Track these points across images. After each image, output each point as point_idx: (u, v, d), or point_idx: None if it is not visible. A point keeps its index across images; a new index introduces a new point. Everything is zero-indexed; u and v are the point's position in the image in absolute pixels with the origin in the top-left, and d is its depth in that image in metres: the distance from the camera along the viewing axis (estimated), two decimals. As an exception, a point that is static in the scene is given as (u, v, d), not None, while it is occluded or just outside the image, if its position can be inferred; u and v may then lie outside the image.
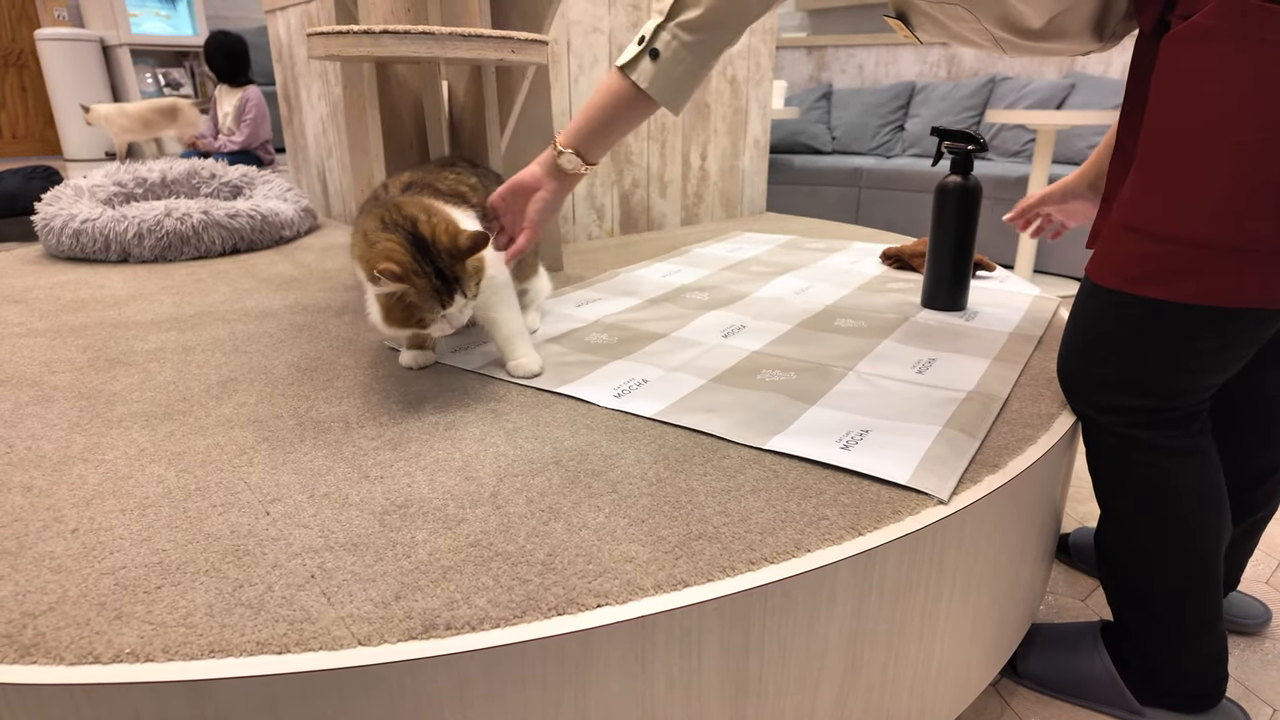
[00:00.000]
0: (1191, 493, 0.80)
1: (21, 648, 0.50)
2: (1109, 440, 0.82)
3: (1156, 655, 0.85)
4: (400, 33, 0.97)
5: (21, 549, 0.61)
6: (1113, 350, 0.79)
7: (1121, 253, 0.76)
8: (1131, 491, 0.82)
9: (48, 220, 1.65)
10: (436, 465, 0.75)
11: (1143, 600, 0.85)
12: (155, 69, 5.05)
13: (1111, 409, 0.81)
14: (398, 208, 0.86)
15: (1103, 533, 0.88)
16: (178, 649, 0.51)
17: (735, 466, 0.75)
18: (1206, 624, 0.83)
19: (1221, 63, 0.66)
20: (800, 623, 0.60)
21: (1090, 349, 0.82)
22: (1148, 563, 0.83)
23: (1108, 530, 0.87)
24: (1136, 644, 0.87)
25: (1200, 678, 0.85)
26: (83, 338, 1.13)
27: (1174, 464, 0.79)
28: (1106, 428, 0.82)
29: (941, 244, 1.20)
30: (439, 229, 0.83)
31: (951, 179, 1.17)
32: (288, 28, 2.13)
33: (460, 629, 0.52)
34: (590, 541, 0.62)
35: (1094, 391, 0.82)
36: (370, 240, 0.84)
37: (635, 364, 1.00)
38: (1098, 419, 0.82)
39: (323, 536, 0.63)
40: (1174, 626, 0.83)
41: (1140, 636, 0.86)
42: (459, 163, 1.08)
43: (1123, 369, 0.79)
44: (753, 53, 2.14)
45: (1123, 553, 0.85)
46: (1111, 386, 0.80)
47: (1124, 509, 0.84)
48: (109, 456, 0.77)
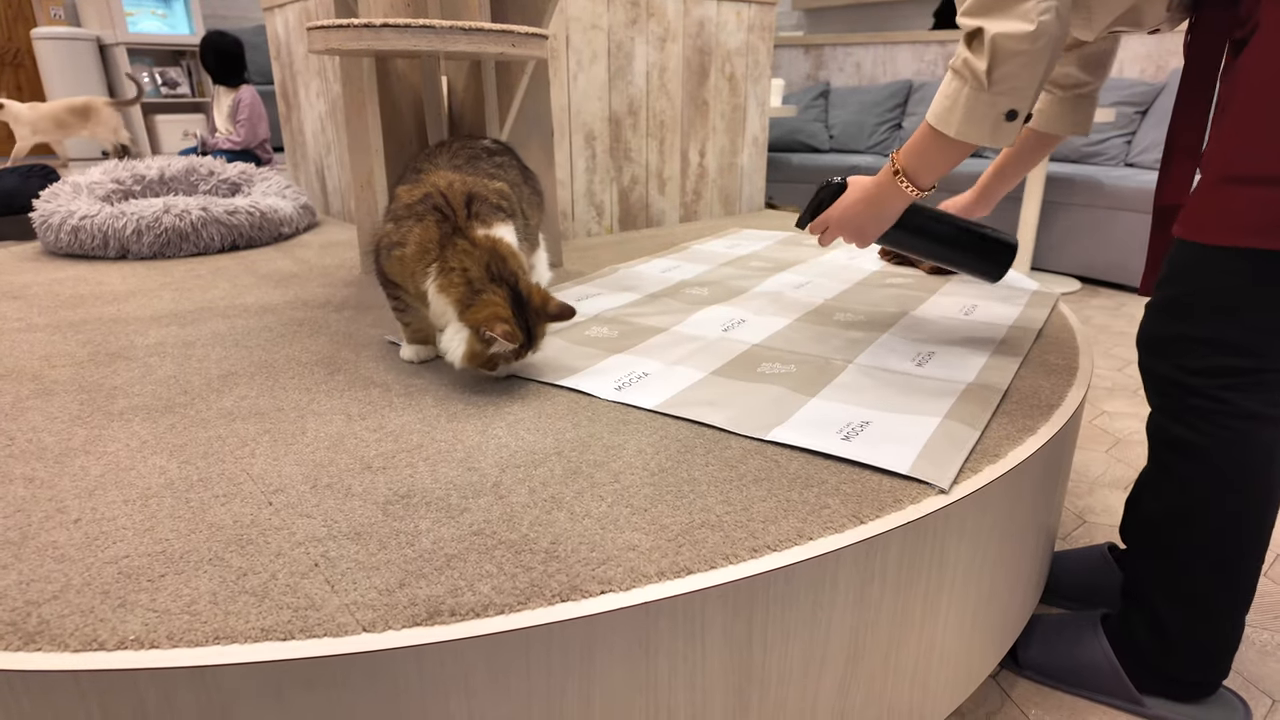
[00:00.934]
0: (1275, 461, 0.78)
1: (26, 635, 0.51)
2: (1196, 403, 0.79)
3: (1175, 637, 0.85)
4: (401, 26, 0.97)
5: (24, 539, 0.61)
6: (1214, 310, 0.76)
7: (1224, 207, 0.73)
8: (1213, 457, 0.79)
9: (46, 217, 1.64)
10: (438, 456, 0.75)
11: (1184, 573, 0.83)
12: (152, 68, 5.04)
13: (1205, 370, 0.78)
14: (497, 254, 0.88)
15: (1153, 500, 0.86)
16: (182, 636, 0.51)
17: (737, 457, 0.75)
18: (1239, 605, 0.83)
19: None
20: (803, 610, 0.61)
21: (1185, 310, 0.78)
22: (1206, 532, 0.81)
23: (1163, 497, 0.84)
24: (1153, 626, 0.87)
25: (1208, 665, 0.85)
26: (82, 333, 1.13)
27: (1264, 430, 0.77)
28: (1197, 389, 0.79)
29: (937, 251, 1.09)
30: (534, 290, 0.89)
31: None
32: (286, 25, 2.13)
33: (465, 615, 0.53)
34: (593, 530, 0.63)
35: (1186, 354, 0.79)
36: (475, 288, 0.87)
37: (636, 357, 1.00)
38: (1187, 381, 0.79)
39: (326, 526, 0.63)
40: (1208, 604, 0.83)
41: (1164, 615, 0.85)
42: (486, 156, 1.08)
43: (1223, 328, 0.76)
44: (751, 50, 2.14)
45: (1177, 521, 0.83)
46: (1209, 347, 0.77)
47: (1196, 474, 0.81)
48: (111, 448, 0.77)
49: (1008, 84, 0.79)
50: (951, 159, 0.88)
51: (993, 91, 0.79)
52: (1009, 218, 3.05)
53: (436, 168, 1.00)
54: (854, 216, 0.98)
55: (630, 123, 1.92)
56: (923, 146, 0.88)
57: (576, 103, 1.80)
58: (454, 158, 1.02)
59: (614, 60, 1.83)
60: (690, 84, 2.02)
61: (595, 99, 1.83)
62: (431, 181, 0.95)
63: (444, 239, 0.88)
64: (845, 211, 0.99)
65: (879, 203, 0.96)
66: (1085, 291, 2.85)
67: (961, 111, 0.82)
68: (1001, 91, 0.79)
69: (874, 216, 0.97)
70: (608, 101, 1.85)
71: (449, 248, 0.88)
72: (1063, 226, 2.94)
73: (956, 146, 0.86)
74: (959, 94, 0.82)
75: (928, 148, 0.88)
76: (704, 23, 1.99)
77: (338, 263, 1.59)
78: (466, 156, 1.03)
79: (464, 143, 1.07)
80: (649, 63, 1.91)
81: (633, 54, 1.86)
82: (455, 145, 1.06)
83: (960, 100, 0.82)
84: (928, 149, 0.88)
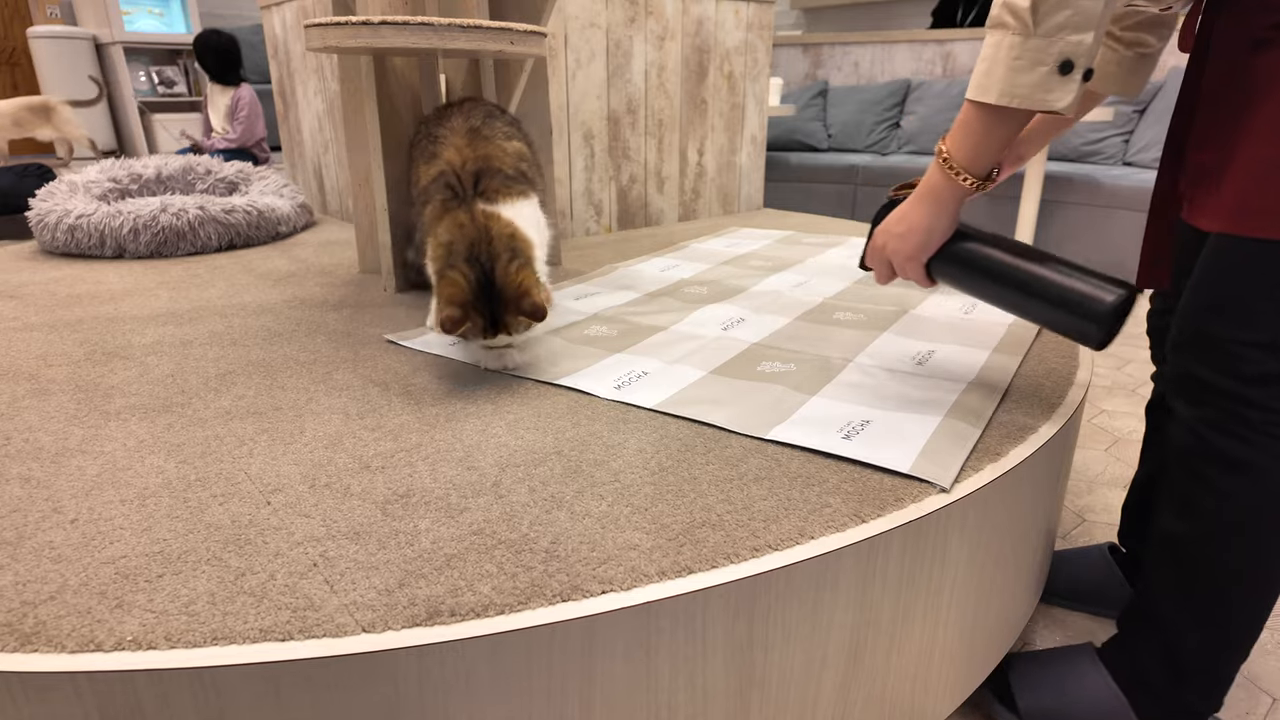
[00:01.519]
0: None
1: (22, 636, 0.50)
2: (1251, 415, 0.71)
3: (1192, 664, 0.80)
4: (399, 23, 0.96)
5: (20, 539, 0.61)
6: (1273, 312, 0.69)
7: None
8: (1268, 473, 0.72)
9: (42, 216, 1.64)
10: (438, 455, 0.75)
11: (1215, 599, 0.78)
12: (149, 67, 5.03)
13: (1262, 378, 0.70)
14: (487, 234, 0.87)
15: (1179, 518, 0.79)
16: (180, 636, 0.50)
17: (737, 456, 0.75)
18: (1260, 629, 0.79)
19: None
20: (804, 610, 0.60)
21: (1240, 312, 0.70)
22: (1246, 555, 0.75)
23: (1195, 516, 0.77)
24: (1166, 653, 0.81)
25: (1217, 693, 0.81)
26: (79, 332, 1.12)
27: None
28: (1253, 400, 0.71)
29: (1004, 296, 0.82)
30: (511, 280, 0.86)
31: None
32: (283, 23, 2.12)
33: (465, 615, 0.52)
34: (594, 529, 0.62)
35: (1240, 360, 0.71)
36: (450, 262, 0.86)
37: (635, 356, 1.00)
38: (1242, 390, 0.71)
39: (325, 526, 0.63)
40: (1235, 630, 0.78)
41: (1183, 642, 0.80)
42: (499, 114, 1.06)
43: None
44: (750, 49, 2.14)
45: (1213, 541, 0.76)
46: (1267, 352, 0.70)
47: (1243, 491, 0.73)
48: (108, 448, 0.76)
49: (1061, 24, 0.64)
50: (1002, 134, 0.73)
51: (1041, 35, 0.65)
52: (1007, 216, 3.05)
53: (452, 132, 0.98)
54: (904, 231, 0.81)
55: (629, 121, 1.91)
56: (968, 125, 0.74)
57: (575, 101, 1.79)
58: (469, 118, 1.00)
59: (612, 59, 1.83)
60: (689, 83, 2.01)
61: (594, 98, 1.83)
62: (446, 159, 0.94)
63: (446, 212, 0.88)
64: (891, 226, 0.83)
65: (930, 201, 0.79)
66: (1083, 290, 2.84)
67: (1004, 67, 0.68)
68: (1052, 34, 0.65)
69: (925, 226, 0.80)
70: (606, 100, 1.85)
71: (446, 218, 0.87)
72: (1061, 225, 2.94)
73: (1005, 118, 0.71)
74: (999, 46, 0.68)
75: (973, 126, 0.74)
76: (703, 21, 1.98)
77: (335, 262, 1.58)
78: (482, 115, 1.02)
79: (474, 101, 1.06)
80: (647, 61, 1.90)
81: (631, 52, 1.86)
82: (467, 105, 1.04)
83: (1001, 53, 0.68)
84: (973, 128, 0.74)
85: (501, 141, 0.98)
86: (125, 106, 4.93)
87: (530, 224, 0.93)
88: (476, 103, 1.06)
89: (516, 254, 0.88)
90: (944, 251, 0.82)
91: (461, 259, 0.85)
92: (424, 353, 1.04)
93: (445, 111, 1.05)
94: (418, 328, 1.13)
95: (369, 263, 1.48)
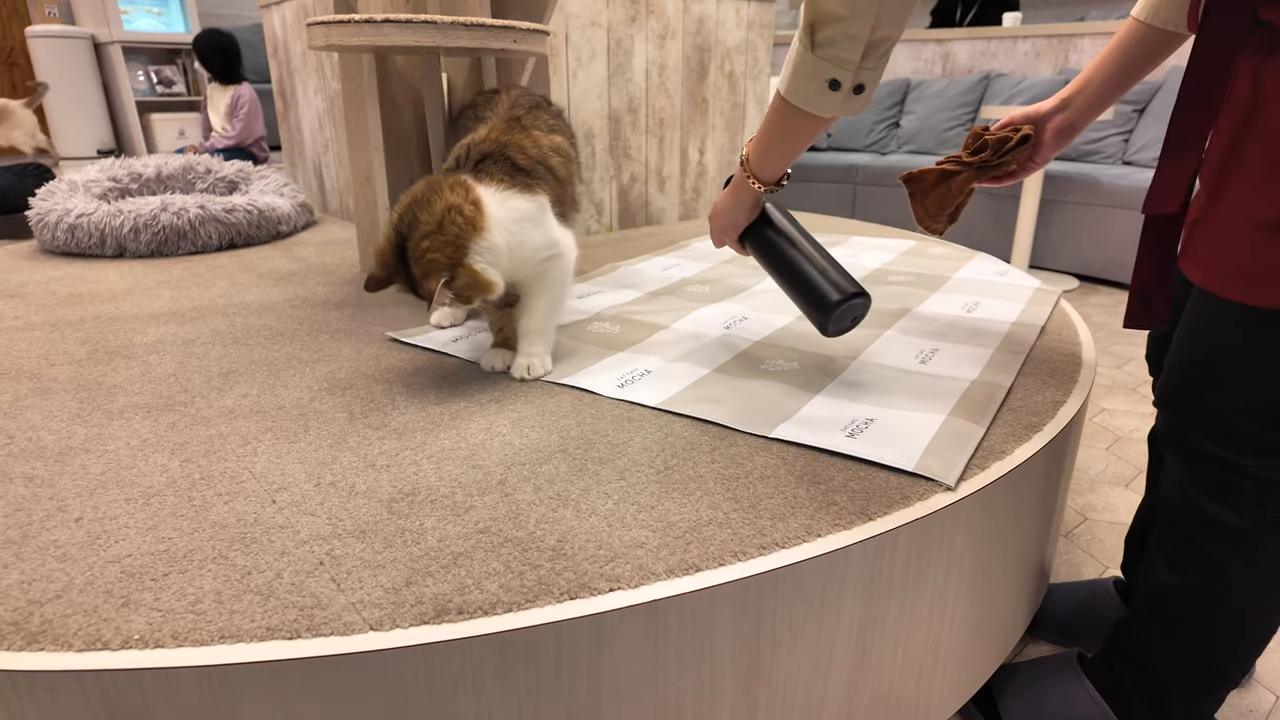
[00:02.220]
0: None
1: (29, 635, 0.50)
2: (1246, 486, 0.69)
3: (1176, 708, 0.80)
4: (402, 21, 0.96)
5: (25, 538, 0.61)
6: (1270, 381, 0.66)
7: (1270, 260, 0.62)
8: (1265, 545, 0.71)
9: (43, 215, 1.63)
10: (442, 454, 0.75)
11: (1204, 655, 0.77)
12: (147, 66, 5.02)
13: (1263, 450, 0.68)
14: (419, 199, 0.83)
15: (1173, 573, 0.77)
16: (187, 635, 0.50)
17: (742, 454, 0.74)
18: (1240, 676, 0.78)
19: None
20: (811, 607, 0.60)
21: (1232, 381, 0.68)
22: (1239, 617, 0.75)
23: (1188, 573, 0.76)
24: (1152, 694, 0.80)
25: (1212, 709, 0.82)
26: (80, 331, 1.12)
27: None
28: (1249, 471, 0.69)
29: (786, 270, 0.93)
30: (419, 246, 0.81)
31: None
32: (284, 22, 2.12)
33: (473, 613, 0.52)
34: (600, 527, 0.62)
35: (1235, 430, 0.69)
36: (389, 221, 0.86)
37: (638, 355, 1.00)
38: (1237, 461, 0.69)
39: (330, 524, 0.62)
40: (1221, 679, 0.78)
41: (1168, 688, 0.79)
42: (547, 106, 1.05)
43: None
44: (750, 48, 2.14)
45: (1205, 601, 0.75)
46: (1266, 423, 0.67)
47: (1239, 559, 0.72)
48: (111, 447, 0.76)
49: (828, 45, 0.68)
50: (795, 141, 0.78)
51: (815, 54, 0.70)
52: (1007, 215, 3.05)
53: (494, 115, 0.97)
54: (717, 211, 0.95)
55: (630, 120, 1.91)
56: (768, 122, 0.79)
57: (576, 100, 1.79)
58: (514, 106, 0.99)
59: (613, 58, 1.83)
60: (690, 82, 2.01)
61: (595, 96, 1.82)
62: (473, 135, 0.92)
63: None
64: (717, 201, 0.95)
65: (733, 191, 0.91)
66: (1083, 289, 2.85)
67: (790, 70, 0.73)
68: (822, 54, 0.69)
69: (729, 210, 0.93)
70: (607, 99, 1.85)
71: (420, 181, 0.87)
72: (1060, 225, 2.94)
73: (795, 119, 0.75)
74: (792, 50, 0.73)
75: (770, 122, 0.79)
76: (703, 20, 1.98)
77: (336, 261, 1.58)
78: (528, 105, 1.00)
79: (523, 91, 1.04)
80: (648, 60, 1.90)
81: (632, 51, 1.86)
82: (516, 93, 1.03)
83: (793, 58, 0.73)
84: (770, 123, 0.79)
85: (540, 132, 0.95)
86: (124, 106, 4.92)
87: (510, 218, 0.86)
88: (526, 92, 1.04)
89: (444, 229, 0.81)
90: (749, 231, 0.95)
91: (392, 221, 0.84)
92: (427, 351, 1.03)
93: (493, 96, 1.03)
94: (420, 325, 1.13)
95: (370, 261, 1.47)
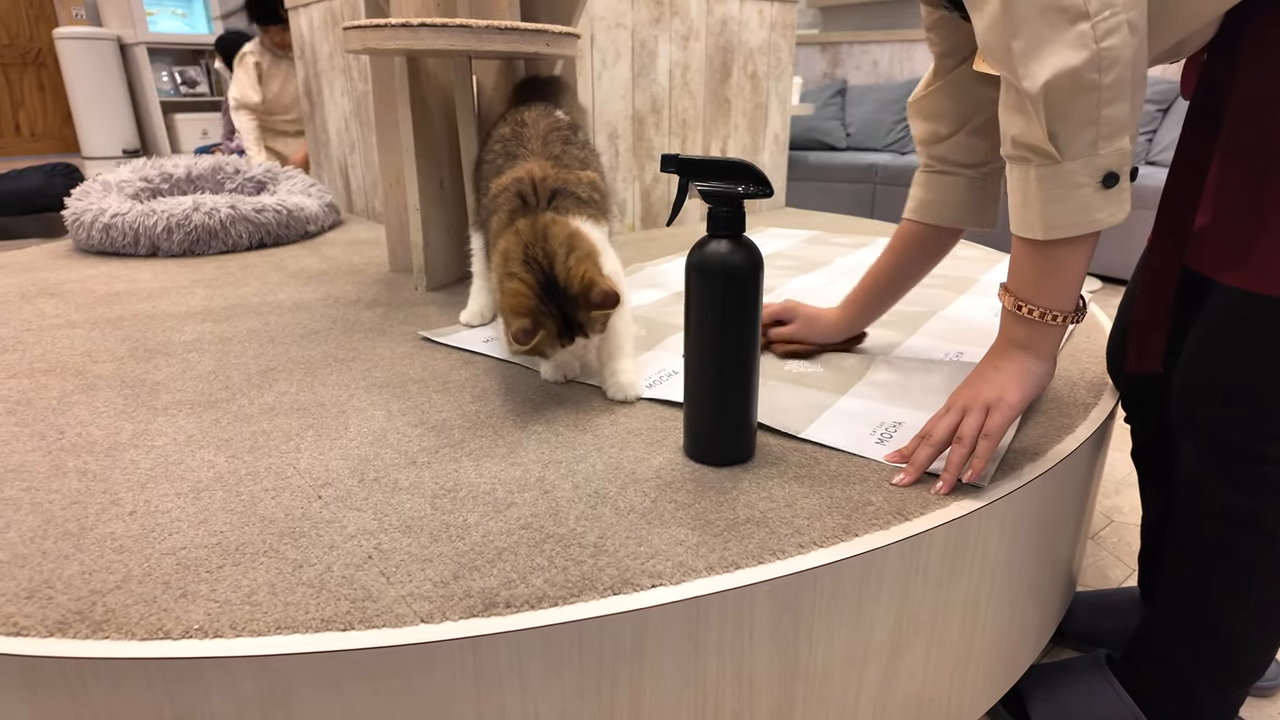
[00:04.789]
0: None
1: (94, 624, 0.52)
2: (1268, 473, 0.69)
3: (1206, 704, 0.80)
4: (438, 26, 0.98)
5: (83, 530, 0.62)
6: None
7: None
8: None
9: (78, 215, 1.66)
10: (481, 451, 0.76)
11: (1234, 652, 0.77)
12: (171, 67, 5.09)
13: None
14: (544, 233, 0.82)
15: (1194, 570, 0.77)
16: (245, 625, 0.52)
17: (775, 454, 0.75)
18: (1266, 666, 0.79)
19: None
20: (849, 606, 0.61)
21: (1264, 365, 0.67)
22: (1267, 609, 0.75)
23: (1211, 571, 0.75)
24: (1182, 693, 0.80)
25: (1232, 713, 0.82)
26: (120, 329, 1.14)
27: None
28: (1274, 458, 0.69)
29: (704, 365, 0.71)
30: (574, 274, 0.79)
31: (713, 248, 0.68)
32: (310, 24, 2.15)
33: (519, 608, 0.53)
34: (639, 525, 0.63)
35: (1260, 416, 0.68)
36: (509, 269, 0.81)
37: (665, 354, 1.01)
38: (1260, 447, 0.69)
39: (376, 519, 0.64)
40: (1250, 674, 0.78)
41: (1198, 686, 0.79)
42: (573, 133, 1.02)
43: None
44: (773, 48, 2.14)
45: (1231, 597, 0.75)
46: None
47: (1262, 549, 0.72)
48: (158, 443, 0.78)
49: (1089, 142, 0.59)
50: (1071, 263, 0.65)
51: (1070, 159, 0.60)
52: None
53: (530, 153, 0.95)
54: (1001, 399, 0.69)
55: (653, 121, 1.92)
56: (1027, 262, 0.67)
57: (600, 101, 1.80)
58: (548, 143, 0.97)
59: (637, 59, 1.84)
60: (712, 82, 2.02)
61: (619, 98, 1.84)
62: (527, 169, 0.91)
63: (511, 222, 0.85)
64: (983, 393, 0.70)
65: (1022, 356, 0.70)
66: (1106, 290, 2.83)
67: (1038, 201, 0.62)
68: (1084, 154, 0.59)
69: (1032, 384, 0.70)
70: (631, 100, 1.86)
71: (508, 230, 0.84)
72: (1083, 225, 2.92)
73: (1065, 251, 0.64)
74: (1026, 179, 0.62)
75: (1034, 261, 0.66)
76: (727, 21, 1.99)
77: (365, 260, 1.60)
78: (561, 141, 0.99)
79: (551, 123, 1.01)
80: (672, 61, 1.91)
81: (656, 52, 1.87)
82: (544, 126, 1.00)
83: (1032, 186, 0.62)
84: (1035, 263, 0.66)
85: (579, 171, 0.95)
86: (148, 106, 4.99)
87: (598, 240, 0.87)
88: (553, 125, 1.00)
89: (575, 249, 0.81)
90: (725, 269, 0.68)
91: (520, 264, 0.79)
92: (459, 350, 1.05)
93: (520, 129, 0.99)
94: (451, 325, 1.15)
95: (399, 262, 1.49)
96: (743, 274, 0.67)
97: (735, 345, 0.69)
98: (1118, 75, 0.57)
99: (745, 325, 0.69)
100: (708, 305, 0.69)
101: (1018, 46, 0.58)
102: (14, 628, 0.51)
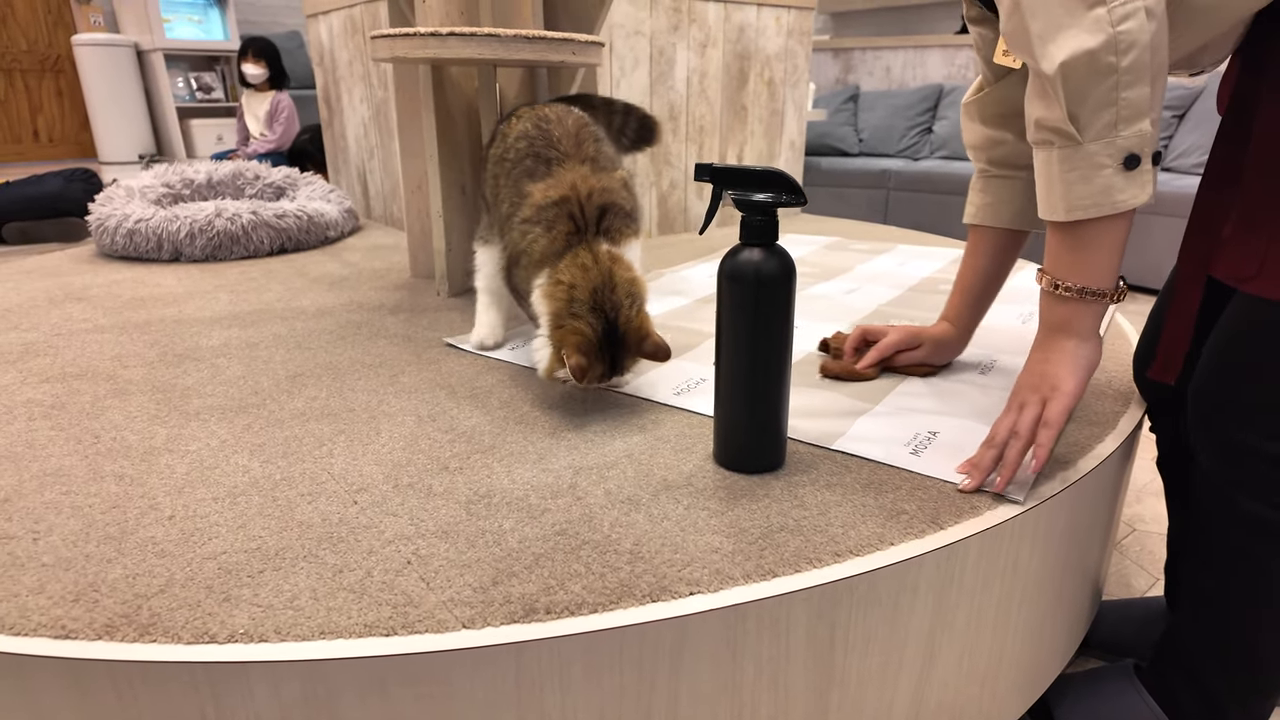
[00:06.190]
0: None
1: (140, 627, 0.52)
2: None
3: (1231, 712, 0.79)
4: (466, 35, 0.99)
5: (124, 534, 0.63)
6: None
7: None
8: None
9: (102, 220, 1.68)
10: (512, 457, 0.76)
11: (1262, 666, 0.77)
12: (188, 73, 5.13)
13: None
14: (610, 280, 0.85)
15: (1219, 581, 0.77)
16: (289, 630, 0.52)
17: (806, 462, 0.75)
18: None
19: None
20: (884, 613, 0.61)
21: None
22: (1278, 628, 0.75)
23: (1238, 584, 0.75)
24: (1207, 703, 0.80)
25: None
26: (148, 334, 1.16)
27: None
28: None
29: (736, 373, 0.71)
30: (632, 326, 0.85)
31: (746, 256, 0.69)
32: (330, 31, 2.16)
33: (560, 614, 0.54)
34: (673, 532, 0.64)
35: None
36: (573, 309, 0.84)
37: (690, 363, 1.01)
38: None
39: (413, 524, 0.64)
40: (1267, 682, 0.78)
41: (1223, 697, 0.79)
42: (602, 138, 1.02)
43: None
44: (789, 55, 2.14)
45: (1258, 609, 0.75)
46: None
47: None
48: (193, 447, 0.79)
49: (1110, 123, 0.60)
50: (1104, 242, 0.65)
51: (1091, 140, 0.61)
52: (1043, 222, 3.02)
53: (565, 155, 0.94)
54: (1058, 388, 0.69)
55: (670, 127, 1.93)
56: (1060, 245, 0.68)
57: (618, 108, 1.81)
58: (581, 142, 0.96)
59: (655, 66, 1.85)
60: (729, 89, 2.03)
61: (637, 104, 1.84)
62: (570, 182, 0.91)
63: (569, 246, 0.88)
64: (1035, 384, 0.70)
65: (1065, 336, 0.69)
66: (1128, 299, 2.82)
67: (1060, 184, 0.63)
68: (1104, 135, 0.60)
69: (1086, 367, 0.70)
70: (649, 106, 1.86)
71: (567, 256, 0.87)
72: (1099, 231, 2.91)
73: (1095, 230, 0.65)
74: (1049, 162, 0.64)
75: (1067, 244, 0.67)
76: (744, 28, 2.00)
77: (386, 266, 1.61)
78: (593, 139, 0.99)
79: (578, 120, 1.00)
80: (689, 68, 1.92)
81: (674, 60, 1.88)
82: (572, 124, 0.99)
83: (1054, 169, 0.63)
84: (1068, 246, 0.67)
85: (612, 174, 0.96)
86: (164, 112, 5.03)
87: (639, 265, 0.92)
88: (582, 123, 1.00)
89: (635, 299, 0.87)
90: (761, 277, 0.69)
91: (587, 308, 0.84)
92: (484, 356, 1.06)
93: (546, 129, 0.98)
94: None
95: (421, 267, 1.50)
96: (775, 282, 0.68)
97: (768, 353, 0.70)
98: (1135, 59, 0.58)
99: (778, 333, 0.69)
100: (740, 313, 0.69)
101: (1036, 29, 0.60)
102: (62, 630, 0.52)
